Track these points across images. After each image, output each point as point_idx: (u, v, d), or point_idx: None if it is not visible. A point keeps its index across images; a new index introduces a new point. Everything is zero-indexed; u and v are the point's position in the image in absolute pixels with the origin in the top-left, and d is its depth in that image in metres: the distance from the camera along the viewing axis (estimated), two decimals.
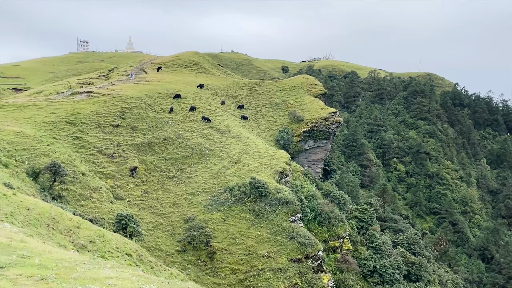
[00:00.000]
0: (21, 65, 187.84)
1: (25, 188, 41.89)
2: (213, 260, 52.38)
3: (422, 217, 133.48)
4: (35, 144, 54.76)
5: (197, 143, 70.81)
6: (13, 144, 52.12)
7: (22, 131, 56.11)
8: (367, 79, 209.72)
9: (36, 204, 29.29)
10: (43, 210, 28.37)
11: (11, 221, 22.20)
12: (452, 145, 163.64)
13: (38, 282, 9.35)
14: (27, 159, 50.50)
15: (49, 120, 63.45)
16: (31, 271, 10.11)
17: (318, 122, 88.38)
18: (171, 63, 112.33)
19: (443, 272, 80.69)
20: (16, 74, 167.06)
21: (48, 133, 59.95)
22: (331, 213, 67.28)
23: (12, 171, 45.07)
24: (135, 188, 59.72)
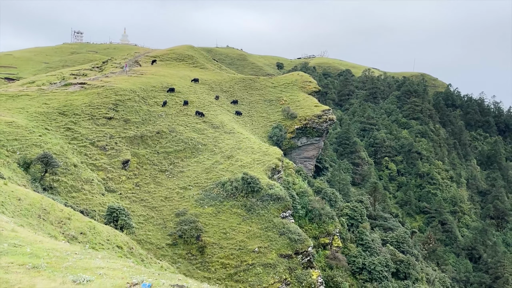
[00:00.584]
0: (13, 54, 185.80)
1: (16, 178, 41.70)
2: (203, 254, 52.55)
3: (412, 216, 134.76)
4: (27, 134, 54.43)
5: (190, 138, 70.79)
6: (4, 134, 51.76)
7: (14, 121, 55.73)
8: (361, 77, 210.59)
9: (27, 194, 29.24)
10: (34, 200, 28.34)
11: (2, 211, 22.19)
12: (443, 145, 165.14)
13: (30, 270, 9.47)
14: (19, 149, 50.22)
15: (41, 110, 63.05)
16: (22, 259, 10.23)
17: (312, 119, 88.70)
18: (166, 56, 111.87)
19: (431, 270, 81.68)
20: (8, 64, 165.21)
21: (40, 123, 59.60)
22: (322, 210, 67.72)
23: (3, 161, 44.84)
24: (127, 181, 59.63)
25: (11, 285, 8.18)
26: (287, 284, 51.78)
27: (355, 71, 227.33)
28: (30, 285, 8.34)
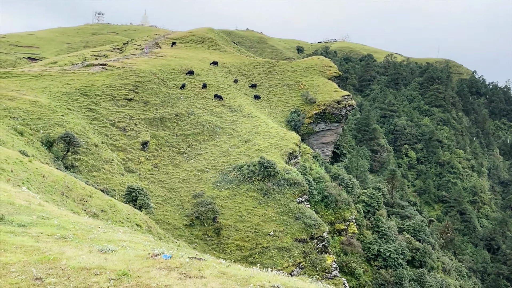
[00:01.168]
0: (36, 34, 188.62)
1: (40, 156, 42.83)
2: (219, 236, 53.34)
3: (430, 204, 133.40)
4: (49, 113, 55.59)
5: (208, 121, 71.18)
6: (28, 113, 52.99)
7: (37, 101, 56.94)
8: (383, 63, 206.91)
9: (51, 172, 30.07)
10: (58, 178, 29.14)
11: (27, 187, 22.98)
12: (465, 134, 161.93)
13: (58, 240, 9.98)
14: (42, 128, 51.42)
15: (63, 90, 64.15)
16: (51, 230, 10.77)
17: (331, 104, 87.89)
18: (186, 38, 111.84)
19: (447, 259, 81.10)
20: (31, 44, 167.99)
21: (63, 103, 60.73)
22: (339, 196, 67.63)
23: (27, 139, 46.02)
24: (146, 162, 60.58)
25: (42, 252, 8.70)
26: (301, 268, 52.26)
27: (377, 56, 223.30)
28: (59, 252, 8.81)
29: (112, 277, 7.50)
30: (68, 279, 7.30)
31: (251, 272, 7.96)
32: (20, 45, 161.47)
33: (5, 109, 50.52)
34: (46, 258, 8.28)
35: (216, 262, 8.97)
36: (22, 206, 13.84)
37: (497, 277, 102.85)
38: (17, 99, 55.28)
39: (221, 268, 8.30)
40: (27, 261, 8.10)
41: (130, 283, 7.30)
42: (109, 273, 7.66)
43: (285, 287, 7.35)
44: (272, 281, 7.43)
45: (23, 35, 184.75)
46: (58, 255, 8.49)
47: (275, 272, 9.22)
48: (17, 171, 25.98)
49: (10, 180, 23.49)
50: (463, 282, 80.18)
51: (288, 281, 7.74)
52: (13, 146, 38.90)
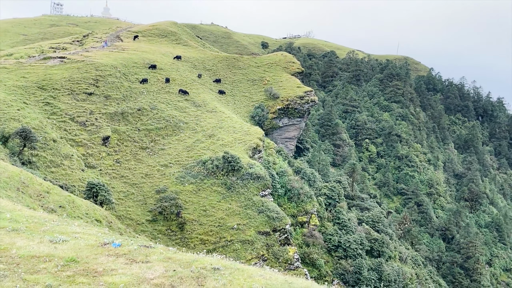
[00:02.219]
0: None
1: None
2: (183, 230, 53.43)
3: (390, 197, 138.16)
4: (4, 108, 53.65)
5: (172, 115, 70.74)
6: None
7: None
8: (346, 59, 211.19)
9: (6, 167, 29.28)
10: (13, 174, 28.44)
11: None
12: (422, 129, 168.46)
13: (10, 232, 10.10)
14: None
15: (19, 84, 61.94)
16: (3, 223, 10.85)
17: (294, 100, 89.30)
18: (148, 32, 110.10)
19: (404, 249, 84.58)
20: None
21: (19, 97, 58.68)
22: (301, 189, 69.12)
23: None
24: (107, 157, 59.60)
25: None
26: (264, 260, 53.24)
27: (339, 52, 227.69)
28: (10, 243, 9.00)
29: (60, 263, 7.84)
30: (17, 265, 7.57)
31: (195, 257, 8.45)
32: None
33: None
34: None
35: (164, 249, 9.42)
36: None
37: (452, 265, 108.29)
38: None
39: (168, 254, 8.75)
40: None
41: (78, 268, 7.65)
42: (57, 260, 7.98)
43: (225, 267, 7.90)
44: (213, 264, 7.96)
45: None
46: (9, 245, 8.70)
47: (219, 257, 9.75)
48: None
49: None
50: (418, 270, 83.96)
51: (229, 263, 8.30)
52: None
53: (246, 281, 7.55)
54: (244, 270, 8.35)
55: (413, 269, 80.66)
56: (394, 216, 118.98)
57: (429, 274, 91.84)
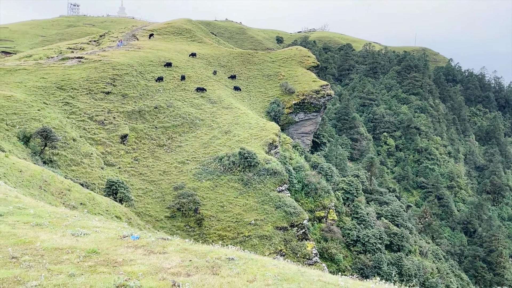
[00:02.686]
0: (10, 27, 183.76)
1: (17, 151, 42.49)
2: (201, 226, 53.95)
3: (409, 190, 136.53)
4: (25, 108, 54.93)
5: (188, 113, 71.28)
6: (3, 108, 52.26)
7: (12, 95, 56.12)
8: (362, 52, 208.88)
9: (28, 166, 30.07)
10: (35, 172, 29.19)
11: (4, 182, 23.07)
12: (442, 121, 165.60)
13: (34, 227, 10.52)
14: (18, 123, 50.83)
15: (39, 85, 63.29)
16: (27, 218, 11.30)
17: (309, 94, 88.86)
18: (164, 30, 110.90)
19: (424, 243, 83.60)
20: (5, 37, 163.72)
21: (39, 98, 59.98)
22: (318, 184, 68.91)
23: (3, 135, 45.53)
24: (125, 155, 60.51)
25: (18, 236, 9.29)
26: (282, 255, 53.35)
27: (356, 45, 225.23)
28: (34, 236, 9.40)
29: (82, 255, 8.21)
30: (42, 257, 7.96)
31: (210, 248, 8.66)
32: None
33: None
34: (21, 241, 8.88)
35: (180, 241, 9.65)
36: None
37: (474, 259, 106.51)
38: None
39: (184, 245, 8.97)
40: (4, 244, 8.69)
41: (99, 258, 7.99)
42: (79, 251, 8.34)
43: (239, 258, 8.05)
44: (228, 254, 8.14)
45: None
46: (33, 239, 9.08)
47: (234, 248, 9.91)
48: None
49: None
50: (440, 265, 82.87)
51: (244, 254, 8.45)
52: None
53: (260, 270, 7.71)
54: (258, 260, 8.51)
55: (434, 263, 79.70)
56: (414, 210, 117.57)
57: (451, 268, 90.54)
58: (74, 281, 6.88)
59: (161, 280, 6.98)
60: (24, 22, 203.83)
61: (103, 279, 6.89)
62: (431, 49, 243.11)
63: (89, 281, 6.86)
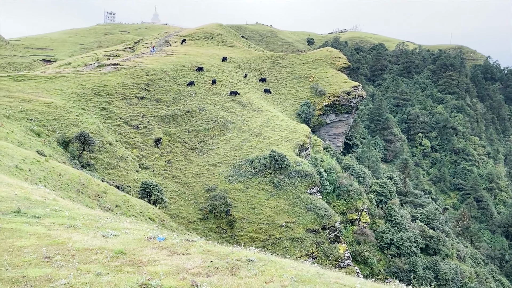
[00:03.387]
0: (50, 36, 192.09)
1: (56, 156, 44.47)
2: (233, 228, 54.52)
3: (446, 193, 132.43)
4: (65, 114, 57.33)
5: (219, 116, 72.22)
6: (44, 114, 54.78)
7: (52, 102, 58.72)
8: (395, 51, 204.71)
9: (67, 170, 31.47)
10: (73, 176, 30.52)
11: (44, 185, 24.33)
12: (480, 121, 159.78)
13: (68, 228, 11.20)
14: (58, 128, 53.14)
15: (77, 91, 65.90)
16: (62, 220, 12.07)
17: (341, 96, 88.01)
18: (195, 35, 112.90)
19: (462, 247, 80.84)
20: (45, 46, 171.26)
21: (77, 104, 62.46)
22: (350, 186, 68.11)
23: (44, 140, 47.74)
24: (159, 158, 62.02)
25: (52, 237, 9.96)
26: (314, 257, 53.09)
27: (388, 45, 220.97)
28: (67, 238, 10.04)
29: (109, 255, 8.77)
30: (73, 257, 8.57)
31: (231, 250, 8.96)
32: (35, 48, 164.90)
33: (22, 111, 52.35)
34: (55, 242, 9.55)
35: (203, 243, 10.00)
36: (37, 201, 15.12)
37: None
38: (33, 101, 57.12)
39: (207, 247, 9.32)
40: (39, 244, 9.37)
41: (125, 259, 8.50)
42: (107, 252, 8.89)
43: (259, 259, 8.29)
44: (248, 256, 8.39)
45: (37, 37, 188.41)
46: (66, 240, 9.71)
47: (255, 250, 10.14)
48: (35, 170, 27.37)
49: (28, 179, 24.85)
50: (478, 269, 79.89)
51: (264, 256, 8.66)
52: (30, 147, 40.53)
53: (278, 271, 7.92)
54: (277, 261, 8.73)
55: (472, 268, 76.92)
56: (451, 213, 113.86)
57: (491, 273, 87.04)
58: (100, 280, 7.43)
59: (181, 280, 7.37)
60: (63, 31, 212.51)
61: (127, 278, 7.39)
62: (467, 47, 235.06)
63: (114, 280, 7.39)
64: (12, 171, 25.03)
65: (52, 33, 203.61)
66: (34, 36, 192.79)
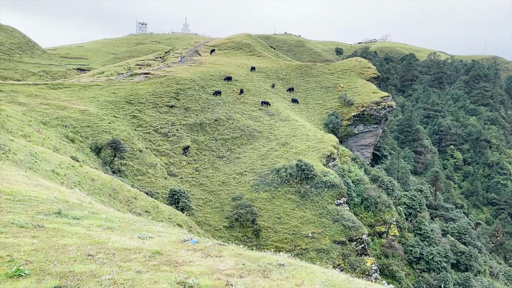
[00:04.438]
0: (84, 46, 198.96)
1: (89, 161, 45.93)
2: (258, 237, 54.53)
3: (479, 207, 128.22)
4: (98, 121, 59.20)
5: (247, 125, 72.79)
6: (78, 121, 56.75)
7: (86, 109, 60.77)
8: (426, 62, 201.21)
9: (99, 176, 32.51)
10: (105, 181, 31.48)
11: (79, 189, 25.27)
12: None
13: (106, 229, 11.76)
14: (91, 135, 54.91)
15: (110, 99, 67.94)
16: (100, 222, 12.65)
17: (369, 106, 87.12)
18: (224, 45, 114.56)
19: (495, 264, 77.90)
20: (80, 55, 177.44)
21: (110, 111, 64.37)
22: (378, 198, 67.04)
23: (78, 146, 49.44)
24: (187, 166, 62.96)
25: (93, 237, 10.50)
26: (340, 269, 52.26)
27: (419, 55, 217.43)
28: (106, 238, 10.54)
29: (147, 255, 9.21)
30: (113, 255, 9.04)
31: (262, 254, 9.18)
32: (70, 57, 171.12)
33: (57, 118, 54.41)
34: (96, 241, 10.06)
35: (235, 247, 10.27)
36: (75, 204, 15.84)
37: None
38: (68, 109, 59.28)
39: (239, 251, 9.59)
40: (81, 243, 9.90)
41: (162, 259, 8.90)
42: (145, 252, 9.33)
43: (290, 264, 8.45)
44: (279, 261, 8.57)
45: (72, 47, 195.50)
46: (106, 240, 10.20)
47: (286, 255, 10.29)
48: (70, 175, 28.44)
49: (64, 183, 25.85)
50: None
51: (294, 261, 8.80)
52: (65, 153, 42.07)
53: (308, 275, 8.06)
54: (308, 267, 8.88)
55: (506, 286, 73.93)
56: (484, 228, 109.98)
57: None
58: (141, 277, 7.86)
59: (216, 280, 7.66)
60: (97, 41, 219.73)
61: (165, 276, 7.77)
62: (502, 57, 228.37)
63: (154, 277, 7.79)
64: (49, 175, 26.12)
65: (86, 43, 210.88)
66: (69, 46, 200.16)
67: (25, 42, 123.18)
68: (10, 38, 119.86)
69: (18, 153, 27.40)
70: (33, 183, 19.66)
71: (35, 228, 11.13)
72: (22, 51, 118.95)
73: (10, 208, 13.51)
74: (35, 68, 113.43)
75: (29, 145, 32.29)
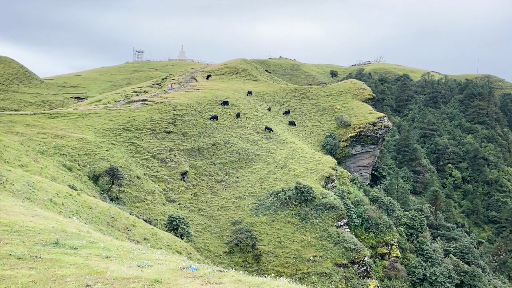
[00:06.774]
0: (82, 75, 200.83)
1: (87, 190, 45.69)
2: (259, 262, 53.80)
3: (480, 225, 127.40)
4: (95, 149, 59.20)
5: (244, 149, 72.89)
6: (76, 150, 56.75)
7: (84, 137, 60.86)
8: (420, 82, 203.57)
9: (97, 204, 32.29)
10: (103, 209, 31.26)
11: (77, 218, 25.09)
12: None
13: (104, 259, 11.62)
14: (88, 163, 54.82)
15: (108, 127, 68.14)
16: (98, 251, 12.54)
17: (366, 127, 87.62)
18: (220, 70, 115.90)
19: (499, 283, 76.84)
20: (77, 84, 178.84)
21: (107, 139, 64.46)
22: (379, 219, 66.63)
23: (76, 174, 49.27)
24: (185, 191, 62.65)
25: (91, 267, 10.39)
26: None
27: (413, 75, 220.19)
28: (105, 267, 10.42)
29: (146, 284, 9.06)
30: (112, 285, 8.91)
31: (263, 280, 9.06)
32: (67, 86, 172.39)
33: (55, 147, 54.42)
34: (94, 271, 9.93)
35: (235, 273, 10.15)
36: (73, 233, 15.71)
37: None
38: (65, 137, 59.36)
39: (239, 277, 9.46)
40: (79, 273, 9.77)
41: (161, 287, 8.73)
42: (144, 280, 9.18)
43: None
44: (280, 286, 8.43)
45: (70, 76, 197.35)
46: (104, 269, 10.06)
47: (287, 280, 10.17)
48: (67, 204, 28.26)
49: (61, 212, 25.67)
50: None
51: (295, 286, 8.69)
52: (63, 181, 41.89)
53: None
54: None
55: None
56: (487, 247, 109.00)
57: None
58: None
59: None
60: (94, 69, 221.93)
61: None
62: (495, 76, 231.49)
63: None
64: (47, 204, 25.96)
65: (84, 72, 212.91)
66: (67, 75, 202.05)
67: (22, 72, 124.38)
68: (8, 69, 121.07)
69: (16, 183, 27.31)
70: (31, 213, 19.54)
71: (32, 259, 11.02)
72: (19, 82, 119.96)
73: (8, 240, 13.40)
74: (32, 98, 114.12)
75: (26, 175, 32.20)
